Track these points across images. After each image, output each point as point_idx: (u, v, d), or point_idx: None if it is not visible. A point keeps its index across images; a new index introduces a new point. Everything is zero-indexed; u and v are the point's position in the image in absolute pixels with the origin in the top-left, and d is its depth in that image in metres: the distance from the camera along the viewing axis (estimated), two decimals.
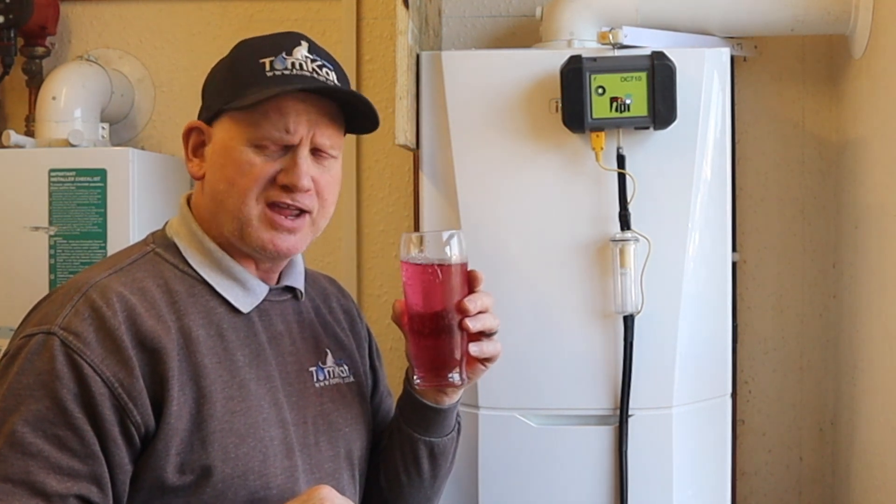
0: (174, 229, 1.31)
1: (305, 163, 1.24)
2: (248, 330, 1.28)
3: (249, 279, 1.29)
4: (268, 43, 1.27)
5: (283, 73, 1.23)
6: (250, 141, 1.23)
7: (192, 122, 1.29)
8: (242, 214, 1.24)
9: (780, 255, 2.22)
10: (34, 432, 1.11)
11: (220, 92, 1.26)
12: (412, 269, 1.26)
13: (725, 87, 1.81)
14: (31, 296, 1.92)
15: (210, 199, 1.27)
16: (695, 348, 1.78)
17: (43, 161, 1.97)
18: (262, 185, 1.23)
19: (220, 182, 1.25)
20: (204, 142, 1.28)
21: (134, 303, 1.18)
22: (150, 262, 1.26)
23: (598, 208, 1.77)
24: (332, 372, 1.38)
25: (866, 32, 1.90)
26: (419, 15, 1.87)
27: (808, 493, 2.22)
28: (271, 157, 1.24)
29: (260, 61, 1.24)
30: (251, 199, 1.23)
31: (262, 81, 1.22)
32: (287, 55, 1.25)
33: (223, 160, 1.24)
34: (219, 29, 2.30)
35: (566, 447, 1.79)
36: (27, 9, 2.14)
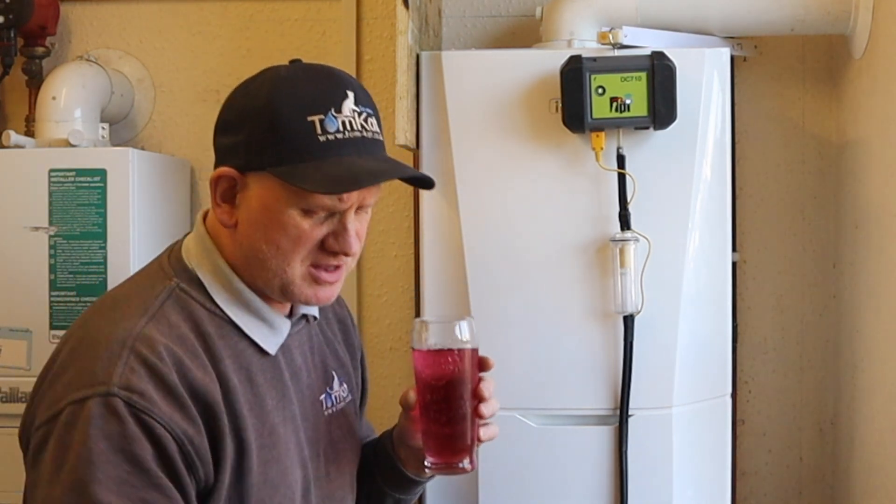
0: (195, 260, 1.23)
1: (353, 226, 1.20)
2: (274, 370, 1.25)
3: (275, 318, 1.24)
4: (312, 92, 1.18)
5: (335, 138, 1.16)
6: (298, 205, 1.16)
7: (224, 171, 1.19)
8: (286, 276, 1.19)
9: (780, 255, 2.22)
10: (120, 499, 1.05)
11: (262, 147, 1.16)
12: (428, 357, 1.26)
13: (725, 87, 1.81)
14: (32, 296, 1.95)
15: (246, 251, 1.20)
16: (695, 348, 1.78)
17: (43, 161, 1.97)
18: (308, 249, 1.18)
19: (260, 241, 1.18)
20: (235, 189, 1.19)
21: (181, 355, 1.13)
22: (179, 301, 1.19)
23: (598, 208, 1.77)
24: (338, 396, 1.37)
25: (866, 32, 1.90)
26: (419, 15, 1.87)
27: (808, 493, 2.22)
28: (318, 221, 1.18)
29: (308, 119, 1.15)
30: (296, 262, 1.19)
31: (314, 148, 1.15)
32: (336, 112, 1.16)
33: (266, 220, 1.17)
34: (219, 29, 2.30)
35: (566, 447, 1.79)
36: (27, 9, 2.14)
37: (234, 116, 1.20)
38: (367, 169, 1.17)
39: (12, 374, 1.95)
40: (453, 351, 1.24)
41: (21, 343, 1.96)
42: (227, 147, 1.20)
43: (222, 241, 1.22)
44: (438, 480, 1.82)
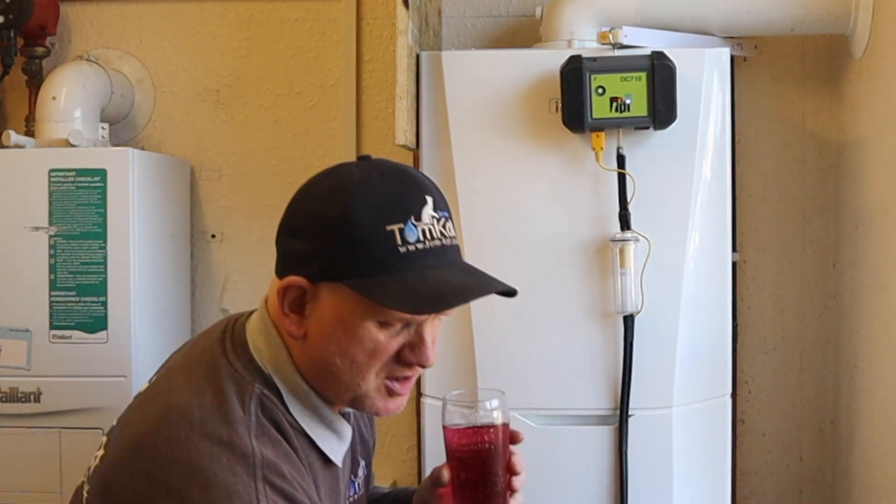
0: (269, 364, 1.15)
1: (430, 336, 1.15)
2: (333, 480, 1.21)
3: (343, 428, 1.20)
4: (390, 198, 1.11)
5: (416, 248, 1.09)
6: (375, 318, 1.10)
7: (294, 280, 1.11)
8: (360, 390, 1.14)
9: (780, 255, 2.22)
10: None
11: (337, 258, 1.09)
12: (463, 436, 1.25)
13: (725, 87, 1.81)
14: (32, 296, 1.95)
15: (318, 363, 1.14)
16: (695, 348, 1.78)
17: (43, 161, 1.97)
18: (384, 362, 1.13)
19: (334, 354, 1.12)
20: (304, 298, 1.12)
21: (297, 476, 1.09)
22: (266, 410, 1.11)
23: (598, 208, 1.77)
24: (360, 483, 1.34)
25: (866, 32, 1.90)
26: (419, 15, 1.87)
27: (808, 493, 2.22)
28: (394, 332, 1.12)
29: (387, 229, 1.08)
30: (371, 375, 1.13)
31: (394, 259, 1.08)
32: (416, 221, 1.10)
33: (341, 333, 1.11)
34: (219, 29, 2.30)
35: (566, 447, 1.79)
36: (27, 9, 2.14)
37: (306, 222, 1.12)
38: (453, 285, 1.12)
39: (12, 374, 1.95)
40: (488, 429, 1.23)
41: (21, 343, 1.96)
42: (297, 253, 1.13)
43: (290, 343, 1.16)
44: None
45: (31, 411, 1.95)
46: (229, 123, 2.32)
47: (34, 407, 1.95)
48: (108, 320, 1.95)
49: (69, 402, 1.95)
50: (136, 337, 1.97)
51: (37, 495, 1.96)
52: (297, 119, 2.30)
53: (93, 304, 1.95)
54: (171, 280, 2.19)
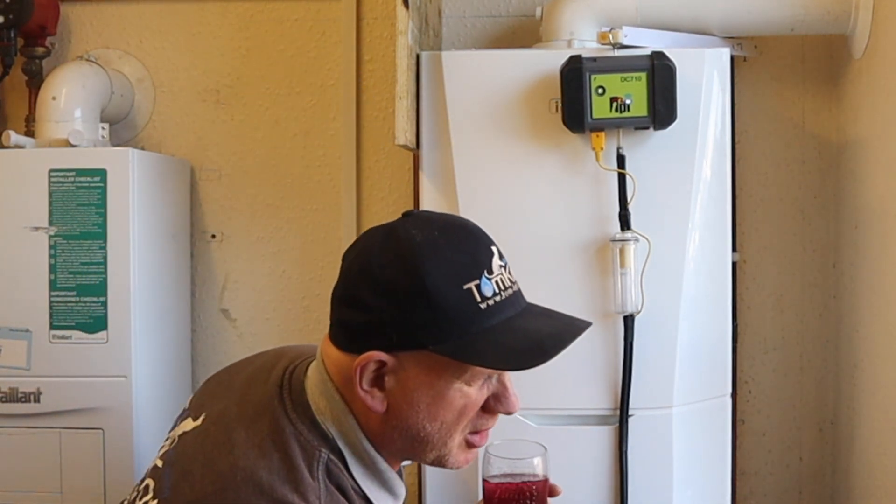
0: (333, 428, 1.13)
1: (511, 384, 1.15)
2: None
3: (400, 489, 1.19)
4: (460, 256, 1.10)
5: (495, 302, 1.10)
6: (462, 378, 1.10)
7: (373, 355, 1.09)
8: (446, 448, 1.14)
9: (780, 255, 2.22)
10: None
11: (419, 326, 1.07)
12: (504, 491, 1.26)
13: (725, 87, 1.81)
14: (32, 296, 1.95)
15: (401, 433, 1.12)
16: (695, 348, 1.78)
17: (43, 161, 1.97)
18: (471, 418, 1.13)
19: (423, 421, 1.11)
20: (383, 371, 1.10)
21: None
22: (335, 476, 1.11)
23: (598, 208, 1.77)
24: None
25: (866, 32, 1.90)
26: (419, 15, 1.87)
27: (808, 493, 2.22)
28: (479, 386, 1.12)
29: (465, 288, 1.08)
30: (457, 434, 1.13)
31: (478, 318, 1.08)
32: (489, 274, 1.10)
33: (429, 399, 1.10)
34: (219, 29, 2.30)
35: (566, 447, 1.78)
36: (27, 9, 2.14)
37: (374, 293, 1.09)
38: (545, 334, 1.13)
39: (12, 374, 1.95)
40: (531, 484, 1.24)
41: (21, 343, 1.96)
42: (367, 326, 1.10)
43: (357, 409, 1.14)
44: (437, 480, 1.82)
45: (31, 411, 1.95)
46: (229, 123, 2.32)
47: (34, 407, 1.95)
48: (108, 320, 1.95)
49: (69, 402, 1.95)
50: (136, 337, 1.97)
51: (37, 495, 1.96)
52: (296, 119, 2.30)
53: (93, 304, 1.95)
54: (171, 280, 2.19)
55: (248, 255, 2.32)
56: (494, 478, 1.26)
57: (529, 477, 1.25)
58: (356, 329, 1.11)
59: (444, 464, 1.15)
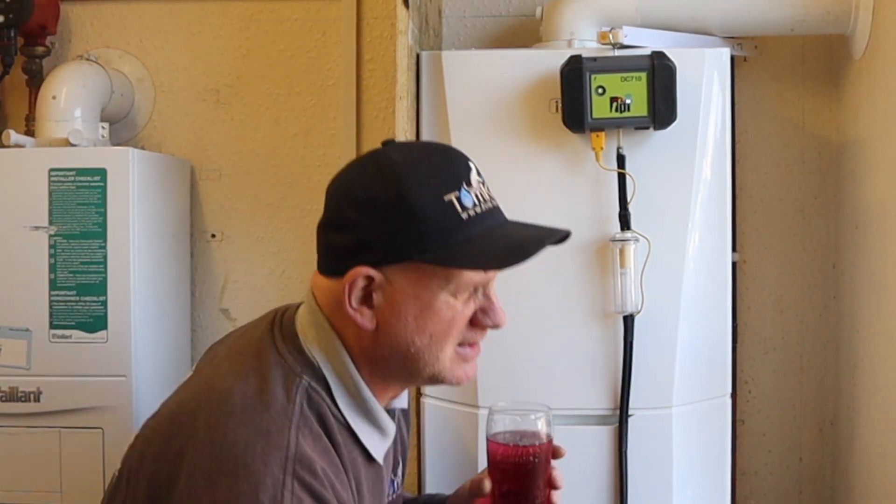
0: (319, 355, 1.15)
1: (497, 297, 1.18)
2: (377, 478, 1.21)
3: (388, 424, 1.20)
4: (439, 171, 1.14)
5: (476, 212, 1.14)
6: (450, 290, 1.13)
7: (360, 271, 1.11)
8: (439, 363, 1.15)
9: (780, 255, 2.22)
10: None
11: (404, 237, 1.10)
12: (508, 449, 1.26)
13: (725, 87, 1.81)
14: (32, 295, 1.95)
15: (392, 349, 1.14)
16: (695, 348, 1.78)
17: (43, 161, 1.97)
18: (460, 329, 1.16)
19: (413, 335, 1.13)
20: (371, 287, 1.13)
21: (332, 476, 1.08)
22: (312, 403, 1.12)
23: (598, 208, 1.77)
24: (398, 483, 1.34)
25: (866, 32, 1.90)
26: (419, 15, 1.87)
27: (808, 493, 2.22)
28: (465, 299, 1.15)
29: (445, 199, 1.12)
30: (448, 347, 1.15)
31: (460, 226, 1.11)
32: (468, 186, 1.14)
33: (416, 311, 1.12)
34: (219, 29, 2.30)
35: (566, 447, 1.78)
36: (27, 8, 2.14)
37: (357, 212, 1.13)
38: (524, 237, 1.16)
39: (12, 373, 1.95)
40: (534, 442, 1.25)
41: (21, 343, 1.96)
42: (353, 245, 1.13)
43: (347, 340, 1.16)
44: (439, 480, 1.82)
45: (31, 411, 1.95)
46: (229, 123, 2.32)
47: (34, 406, 1.95)
48: (108, 320, 1.95)
49: (69, 401, 1.95)
50: (136, 337, 1.97)
51: (37, 495, 1.96)
52: (296, 119, 2.30)
53: (93, 303, 1.95)
54: (171, 280, 2.19)
55: (248, 255, 2.32)
56: (497, 436, 1.26)
57: (532, 438, 1.25)
58: (343, 250, 1.14)
59: (442, 379, 1.17)
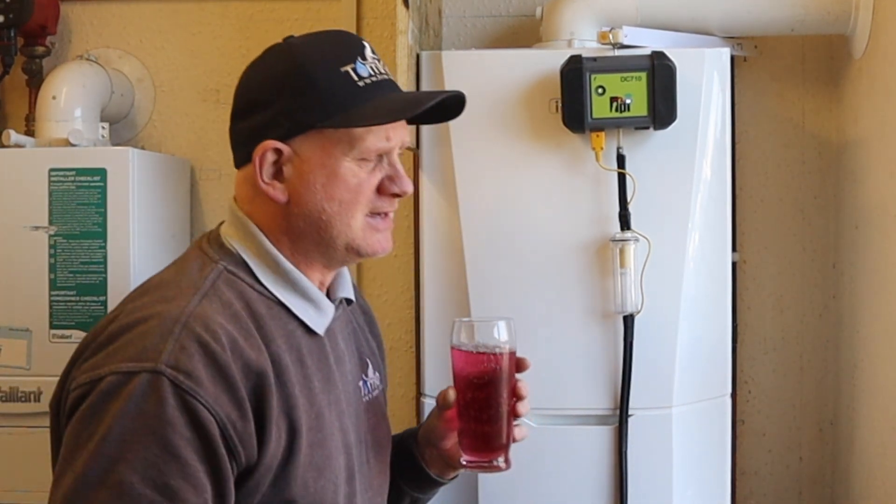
0: (238, 243, 1.21)
1: (402, 166, 1.23)
2: (321, 352, 1.24)
3: (322, 299, 1.24)
4: (332, 47, 1.21)
5: (372, 82, 1.20)
6: (353, 156, 1.18)
7: (268, 144, 1.18)
8: (351, 231, 1.20)
9: (780, 255, 2.22)
10: (144, 482, 1.02)
11: (306, 108, 1.17)
12: (471, 357, 1.28)
13: (725, 87, 1.81)
14: (32, 295, 1.95)
15: (305, 220, 1.20)
16: (695, 348, 1.78)
17: (43, 161, 1.97)
18: (368, 197, 1.21)
19: (322, 202, 1.19)
20: (280, 161, 1.19)
21: (235, 335, 1.11)
22: (228, 281, 1.17)
23: (598, 208, 1.77)
24: (372, 384, 1.37)
25: (866, 32, 1.90)
26: (419, 15, 1.87)
27: (808, 493, 2.22)
28: (370, 168, 1.20)
29: (342, 70, 1.18)
30: (358, 214, 1.20)
31: (358, 93, 1.18)
32: (363, 59, 1.20)
33: (324, 179, 1.18)
34: (219, 29, 2.30)
35: (566, 447, 1.79)
36: (27, 8, 2.14)
37: (261, 93, 1.20)
38: (416, 97, 1.24)
39: (12, 373, 1.95)
40: (496, 351, 1.27)
41: (21, 343, 1.96)
42: (260, 124, 1.19)
43: (264, 222, 1.22)
44: None
45: (31, 411, 1.95)
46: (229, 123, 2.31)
47: (34, 406, 1.95)
48: None
49: None
50: None
51: (37, 495, 1.95)
52: None
53: (93, 303, 1.95)
54: None
55: None
56: (460, 346, 1.28)
57: (494, 345, 1.27)
58: (251, 133, 1.20)
59: (357, 249, 1.22)
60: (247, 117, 1.21)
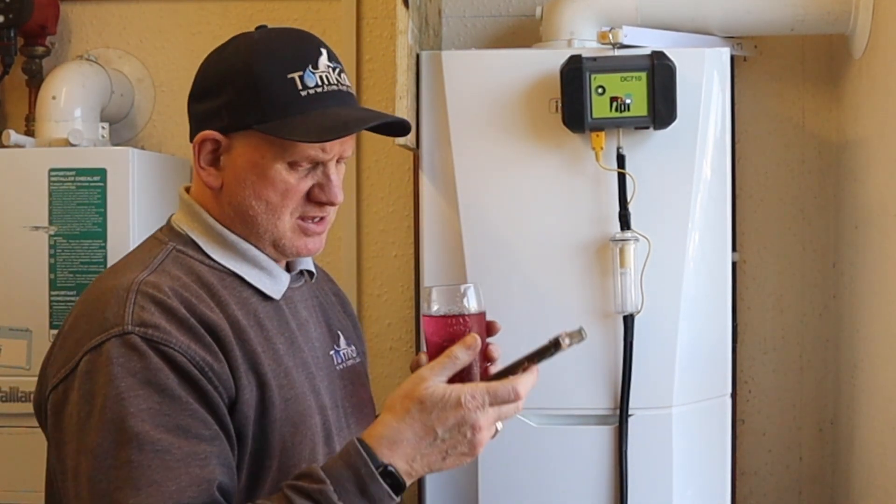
0: (187, 225, 1.27)
1: (337, 178, 1.26)
2: (280, 318, 1.27)
3: (273, 267, 1.28)
4: (288, 51, 1.23)
5: (316, 92, 1.22)
6: (284, 159, 1.21)
7: (207, 134, 1.23)
8: (277, 230, 1.24)
9: (780, 255, 2.22)
10: (156, 429, 1.07)
11: (245, 107, 1.21)
12: (439, 322, 1.29)
13: (725, 87, 1.81)
14: (32, 295, 1.94)
15: (234, 210, 1.25)
16: (695, 348, 1.78)
17: (43, 161, 1.97)
18: (296, 202, 1.24)
19: (250, 198, 1.23)
20: (218, 151, 1.24)
21: (186, 295, 1.16)
22: (176, 259, 1.22)
23: (598, 208, 1.77)
24: (346, 354, 1.40)
25: (866, 32, 1.90)
26: (419, 15, 1.87)
27: (808, 493, 2.22)
28: (303, 174, 1.23)
29: (288, 77, 1.21)
30: (286, 215, 1.24)
31: (298, 102, 1.20)
32: (314, 69, 1.22)
33: (254, 178, 1.22)
34: (219, 29, 2.30)
35: (566, 447, 1.79)
36: (27, 8, 2.14)
37: (213, 82, 1.25)
38: (352, 116, 1.24)
39: (12, 373, 1.95)
40: (464, 315, 1.28)
41: (21, 343, 1.96)
42: (207, 112, 1.24)
43: (209, 205, 1.27)
44: (439, 479, 1.82)
45: (30, 411, 1.91)
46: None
47: None
48: None
49: None
50: None
51: (37, 495, 1.94)
52: None
53: None
54: None
55: None
56: (431, 313, 1.29)
57: (462, 309, 1.28)
58: (200, 117, 1.25)
59: (284, 249, 1.25)
60: (197, 102, 1.27)
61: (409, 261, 2.26)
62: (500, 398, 1.14)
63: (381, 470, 1.08)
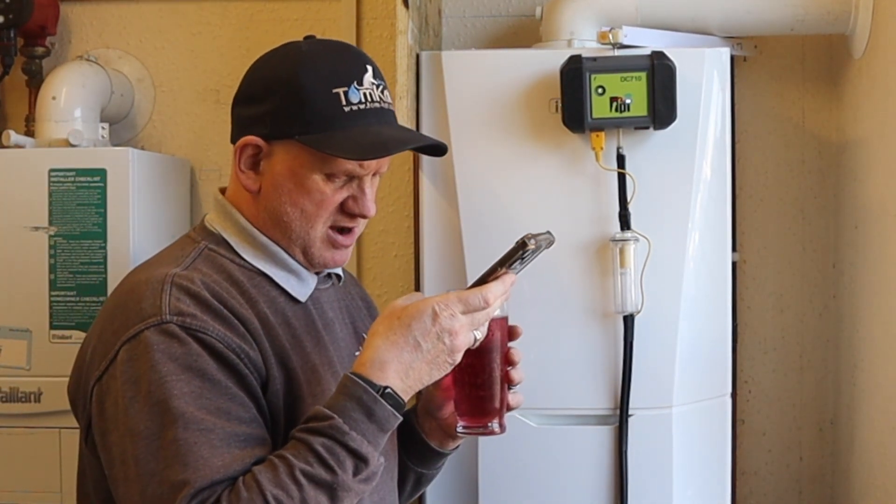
0: (220, 224, 1.31)
1: (371, 191, 1.29)
2: (307, 318, 1.31)
3: (301, 270, 1.31)
4: (335, 65, 1.26)
5: (359, 108, 1.25)
6: (322, 171, 1.24)
7: (250, 139, 1.26)
8: (309, 238, 1.28)
9: (780, 255, 2.22)
10: (199, 410, 1.11)
11: (289, 117, 1.24)
12: None
13: (725, 87, 1.81)
14: (32, 296, 1.95)
15: (270, 215, 1.28)
16: (695, 348, 1.78)
17: (43, 161, 1.97)
18: (330, 212, 1.27)
19: (285, 205, 1.26)
20: (259, 156, 1.27)
21: (218, 290, 1.20)
22: (208, 257, 1.26)
23: (598, 208, 1.77)
24: None
25: (866, 32, 1.90)
26: (419, 15, 1.87)
27: (808, 493, 2.22)
28: (339, 185, 1.26)
29: (333, 91, 1.24)
30: (318, 224, 1.27)
31: (341, 117, 1.23)
32: (358, 85, 1.25)
33: (291, 185, 1.25)
34: (219, 29, 2.30)
35: (566, 447, 1.79)
36: (27, 9, 2.14)
37: (259, 89, 1.27)
38: (392, 137, 1.27)
39: (12, 373, 1.95)
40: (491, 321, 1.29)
41: (21, 343, 1.96)
42: (252, 117, 1.27)
43: (244, 207, 1.30)
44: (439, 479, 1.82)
45: (31, 411, 1.95)
46: (229, 123, 2.31)
47: (34, 407, 1.95)
48: None
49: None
50: None
51: (37, 495, 1.96)
52: None
53: (93, 304, 1.95)
54: None
55: None
56: None
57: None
58: (243, 122, 1.28)
59: (311, 256, 1.29)
60: (242, 105, 1.29)
61: (409, 261, 2.26)
62: (471, 306, 1.19)
63: (381, 392, 1.13)
